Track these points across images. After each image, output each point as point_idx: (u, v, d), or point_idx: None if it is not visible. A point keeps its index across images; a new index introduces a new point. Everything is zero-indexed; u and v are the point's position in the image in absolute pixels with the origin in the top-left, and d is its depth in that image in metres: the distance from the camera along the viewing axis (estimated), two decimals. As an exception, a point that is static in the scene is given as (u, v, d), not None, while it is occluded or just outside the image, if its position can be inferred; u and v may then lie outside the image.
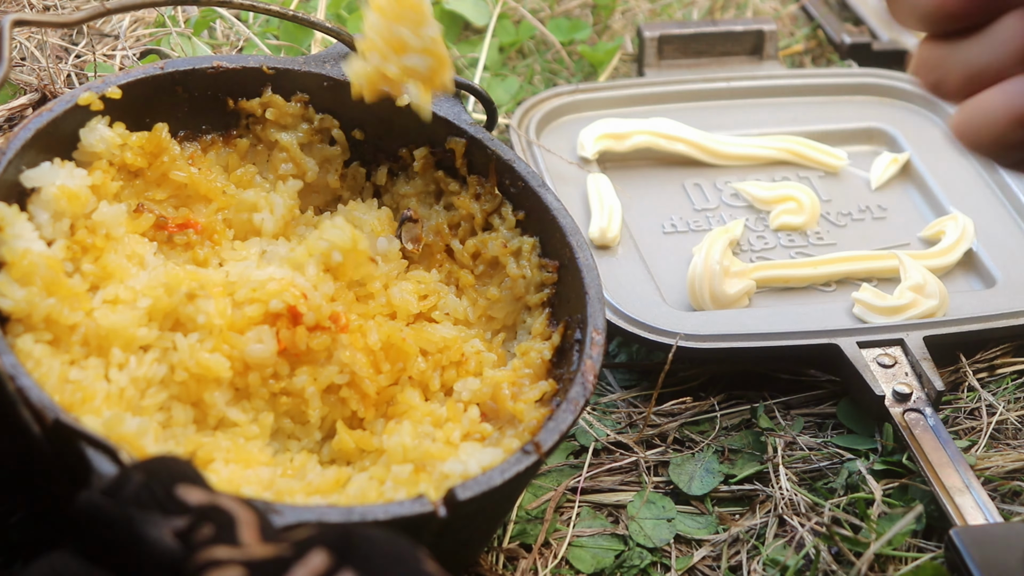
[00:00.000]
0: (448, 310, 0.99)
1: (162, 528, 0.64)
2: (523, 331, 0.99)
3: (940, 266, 1.23)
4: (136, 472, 0.68)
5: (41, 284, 0.85)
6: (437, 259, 1.02)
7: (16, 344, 0.83)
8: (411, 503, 0.79)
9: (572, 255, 0.96)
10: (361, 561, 0.62)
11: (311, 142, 1.04)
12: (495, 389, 0.92)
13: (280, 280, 0.90)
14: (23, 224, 0.87)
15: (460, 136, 1.02)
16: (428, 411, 0.91)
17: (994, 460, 1.06)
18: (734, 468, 1.06)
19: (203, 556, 0.63)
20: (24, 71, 1.29)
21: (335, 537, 0.63)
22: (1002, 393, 1.14)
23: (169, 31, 1.37)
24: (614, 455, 1.07)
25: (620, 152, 1.34)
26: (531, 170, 1.00)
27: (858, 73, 1.47)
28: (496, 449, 0.87)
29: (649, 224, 1.27)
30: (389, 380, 0.93)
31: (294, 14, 1.04)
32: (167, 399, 0.87)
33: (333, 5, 1.45)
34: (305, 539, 0.64)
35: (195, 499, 0.67)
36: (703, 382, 1.14)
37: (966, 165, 1.35)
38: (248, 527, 0.66)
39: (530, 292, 0.99)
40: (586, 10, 1.60)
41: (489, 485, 0.81)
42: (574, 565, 0.98)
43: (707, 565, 0.99)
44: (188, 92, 0.99)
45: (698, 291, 1.16)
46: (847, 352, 1.11)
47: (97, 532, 0.66)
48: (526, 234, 1.00)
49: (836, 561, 0.97)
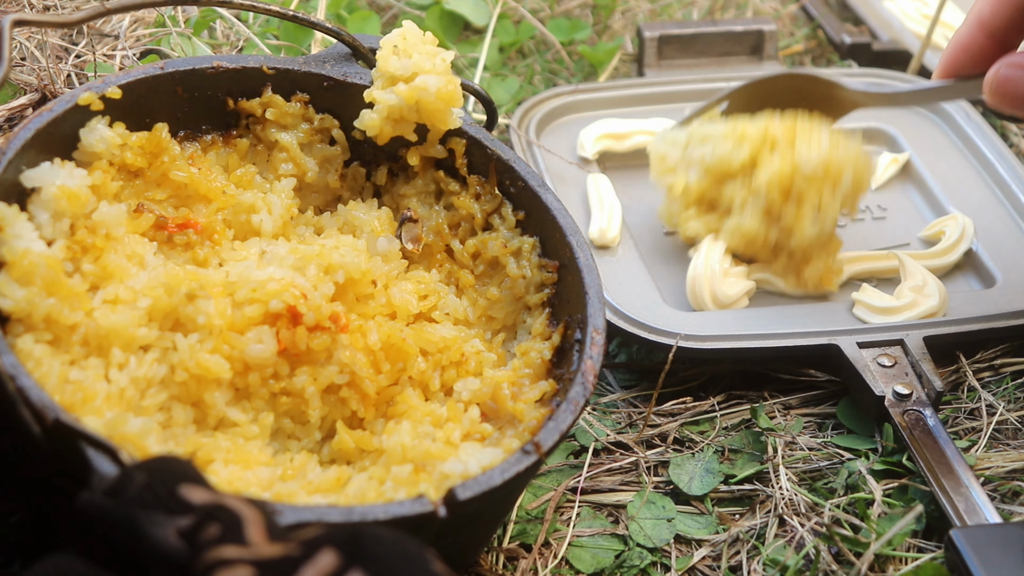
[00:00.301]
0: (448, 310, 0.99)
1: (166, 528, 0.64)
2: (523, 331, 0.99)
3: (940, 266, 1.23)
4: (138, 472, 0.68)
5: (41, 284, 0.85)
6: (437, 259, 1.02)
7: (16, 344, 0.83)
8: (411, 503, 0.79)
9: (572, 255, 0.96)
10: (370, 561, 0.62)
11: (311, 142, 1.04)
12: (495, 389, 0.92)
13: (280, 280, 0.90)
14: (23, 224, 0.87)
15: (460, 136, 1.02)
16: (428, 411, 0.91)
17: (994, 460, 1.06)
18: (734, 468, 1.06)
19: (211, 556, 0.63)
20: (24, 71, 1.29)
21: (344, 537, 0.63)
22: (1002, 393, 1.14)
23: (169, 31, 1.37)
24: (614, 455, 1.07)
25: (620, 152, 1.34)
26: (531, 170, 1.00)
27: (858, 73, 1.47)
28: (496, 449, 0.87)
29: (649, 224, 1.27)
30: (389, 380, 0.93)
31: (294, 14, 1.04)
32: (167, 399, 0.87)
33: (333, 5, 1.45)
34: (314, 539, 0.64)
35: (199, 499, 0.67)
36: (703, 382, 1.14)
37: (966, 165, 1.35)
38: (255, 526, 0.66)
39: (530, 292, 0.99)
40: (586, 10, 1.60)
41: (489, 485, 0.81)
42: (574, 565, 0.98)
43: (707, 565, 0.99)
44: (188, 92, 0.99)
45: (698, 293, 1.17)
46: (847, 352, 1.11)
47: (100, 533, 0.66)
48: (526, 234, 1.00)
49: (836, 561, 0.97)
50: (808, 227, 1.15)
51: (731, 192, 1.18)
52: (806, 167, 1.13)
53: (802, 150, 1.13)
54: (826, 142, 1.14)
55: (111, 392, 0.85)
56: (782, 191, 1.15)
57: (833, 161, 1.14)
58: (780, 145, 1.15)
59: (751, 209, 1.17)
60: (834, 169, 1.14)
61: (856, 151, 1.15)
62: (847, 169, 1.14)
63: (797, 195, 1.15)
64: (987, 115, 1.45)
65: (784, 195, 1.15)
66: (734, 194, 1.18)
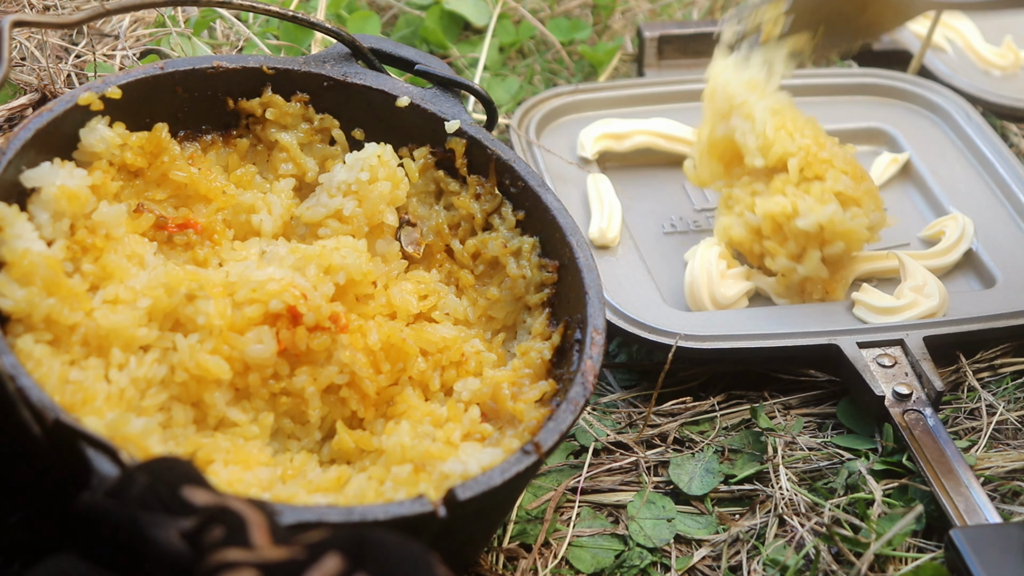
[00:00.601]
0: (448, 310, 0.99)
1: (169, 529, 0.64)
2: (523, 331, 0.99)
3: (940, 266, 1.23)
4: (140, 473, 0.68)
5: (41, 284, 0.85)
6: (437, 259, 1.02)
7: (16, 344, 0.83)
8: (411, 503, 0.79)
9: (572, 255, 0.96)
10: (374, 565, 0.62)
11: (311, 142, 1.04)
12: (495, 389, 0.92)
13: (280, 280, 0.90)
14: (23, 224, 0.87)
15: (460, 136, 1.02)
16: (428, 411, 0.91)
17: (994, 460, 1.06)
18: (734, 468, 1.06)
19: (216, 558, 0.63)
20: (24, 71, 1.29)
21: (348, 540, 0.64)
22: (1002, 393, 1.14)
23: (169, 31, 1.37)
24: (614, 455, 1.07)
25: (620, 152, 1.34)
26: (531, 170, 1.00)
27: (858, 73, 1.47)
28: (496, 449, 0.87)
29: (649, 224, 1.27)
30: (389, 380, 0.93)
31: (294, 14, 1.04)
32: (167, 399, 0.87)
33: (333, 5, 1.45)
34: (318, 542, 0.64)
35: (202, 500, 0.67)
36: (703, 382, 1.14)
37: (966, 165, 1.35)
38: (259, 529, 0.66)
39: (530, 292, 0.99)
40: (586, 10, 1.60)
41: (489, 485, 0.81)
42: (574, 565, 0.98)
43: (707, 565, 0.99)
44: (188, 92, 0.99)
45: (697, 296, 1.16)
46: (847, 352, 1.11)
47: (103, 534, 0.66)
48: (526, 234, 1.00)
49: (836, 561, 0.97)
50: (783, 262, 1.16)
51: (738, 175, 1.19)
52: (802, 222, 1.13)
53: (808, 204, 1.13)
54: (832, 208, 1.13)
55: (111, 392, 0.85)
56: (773, 226, 1.15)
57: (830, 229, 1.14)
58: (795, 176, 1.15)
59: (740, 219, 1.17)
60: (828, 236, 1.15)
61: (857, 226, 1.15)
62: (840, 241, 1.15)
63: (784, 234, 1.15)
64: (987, 115, 1.45)
65: (774, 228, 1.15)
66: (738, 184, 1.19)
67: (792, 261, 1.16)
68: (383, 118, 1.03)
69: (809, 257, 1.15)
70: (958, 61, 1.52)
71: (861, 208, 1.15)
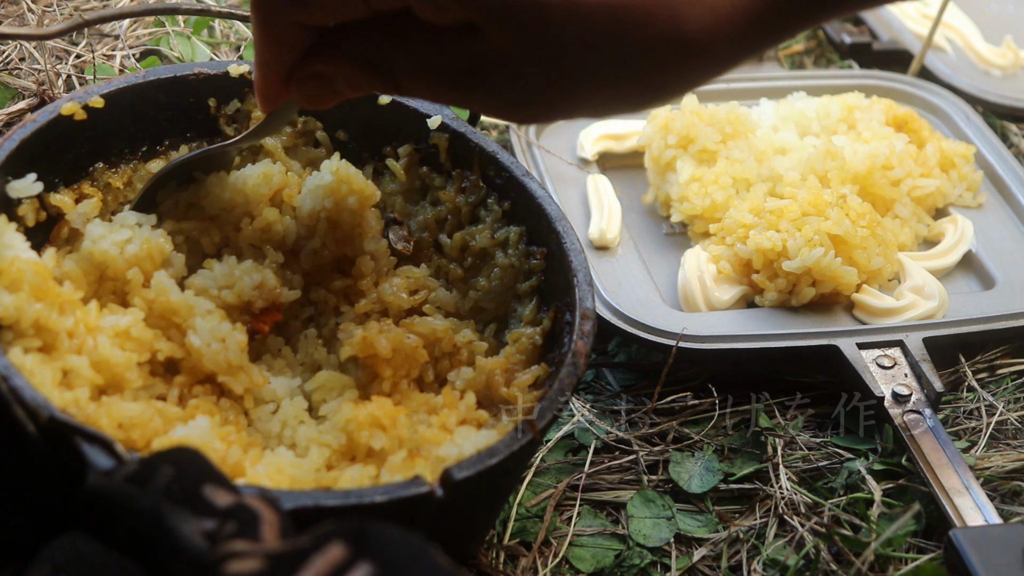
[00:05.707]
0: (439, 304, 0.99)
1: (193, 527, 0.65)
2: (514, 320, 0.99)
3: (940, 267, 1.23)
4: (164, 465, 0.69)
5: (29, 290, 0.85)
6: (426, 254, 1.02)
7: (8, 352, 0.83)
8: (407, 484, 0.79)
9: (559, 240, 0.96)
10: (377, 553, 0.63)
11: (295, 145, 1.04)
12: (488, 376, 0.92)
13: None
14: (12, 234, 0.87)
15: (443, 131, 1.02)
16: (423, 400, 0.92)
17: (994, 460, 1.06)
18: (734, 467, 1.06)
19: (224, 548, 0.64)
20: (22, 75, 1.29)
21: (352, 530, 0.65)
22: (1002, 394, 1.14)
23: (168, 31, 1.38)
24: (614, 453, 1.07)
25: (620, 152, 1.34)
26: (515, 160, 1.00)
27: (858, 73, 1.47)
28: (491, 432, 0.87)
29: (649, 224, 1.27)
30: (392, 383, 0.94)
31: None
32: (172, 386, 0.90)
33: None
34: (323, 532, 0.65)
35: (223, 501, 0.68)
36: (703, 382, 1.14)
37: (966, 166, 1.35)
38: (270, 526, 0.67)
39: (519, 280, 0.98)
40: (586, 11, 1.59)
41: (485, 464, 0.81)
42: (574, 564, 0.98)
43: (707, 565, 0.99)
44: (171, 99, 1.00)
45: (692, 301, 1.16)
46: (847, 353, 1.11)
47: (122, 519, 0.66)
48: (512, 224, 1.00)
49: (836, 561, 0.97)
50: (772, 296, 1.17)
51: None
52: (788, 265, 1.14)
53: (797, 245, 1.14)
54: (819, 252, 1.13)
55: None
56: (764, 262, 1.17)
57: (818, 271, 1.14)
58: (795, 211, 1.16)
59: (731, 250, 1.18)
60: (817, 276, 1.15)
61: (844, 273, 1.15)
62: (829, 282, 1.16)
63: (774, 270, 1.16)
64: (987, 115, 1.45)
65: (764, 264, 1.17)
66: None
67: (783, 294, 1.16)
68: (365, 118, 1.03)
69: (802, 292, 1.15)
70: (958, 61, 1.52)
71: (865, 251, 1.15)
